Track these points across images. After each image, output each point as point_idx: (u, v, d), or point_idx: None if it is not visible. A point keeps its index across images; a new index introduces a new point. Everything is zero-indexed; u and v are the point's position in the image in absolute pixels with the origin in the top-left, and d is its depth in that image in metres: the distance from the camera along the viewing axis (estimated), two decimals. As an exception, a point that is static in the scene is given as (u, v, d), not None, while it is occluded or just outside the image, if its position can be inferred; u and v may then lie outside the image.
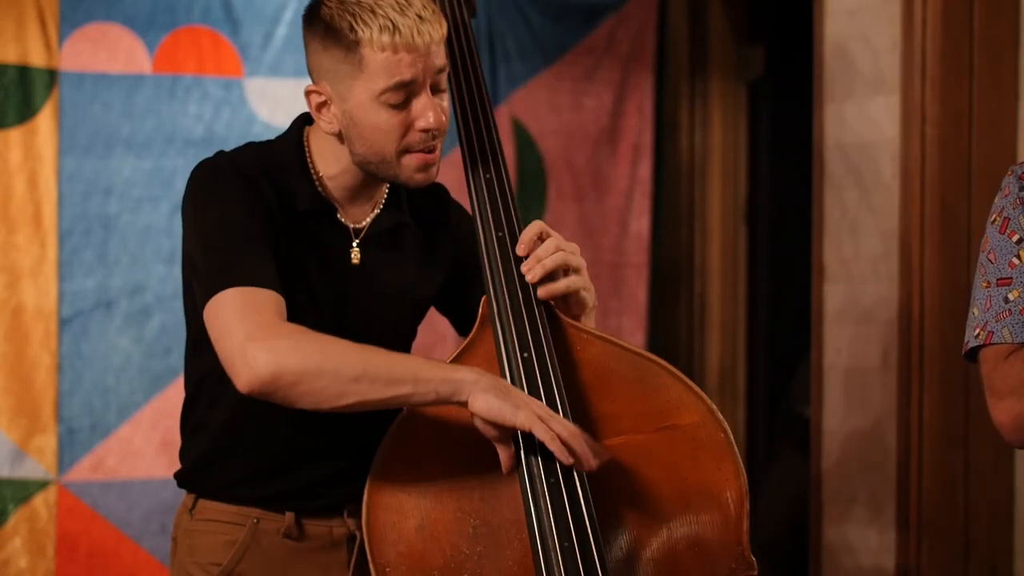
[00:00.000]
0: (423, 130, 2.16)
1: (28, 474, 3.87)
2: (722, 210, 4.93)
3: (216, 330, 2.07)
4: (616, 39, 4.60)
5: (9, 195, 3.88)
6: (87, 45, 3.95)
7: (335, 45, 2.14)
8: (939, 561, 3.55)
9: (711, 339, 4.92)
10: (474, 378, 2.05)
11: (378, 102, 2.14)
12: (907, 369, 3.58)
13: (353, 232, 2.26)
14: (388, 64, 2.12)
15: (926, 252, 3.56)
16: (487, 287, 2.22)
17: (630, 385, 2.21)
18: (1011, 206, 2.19)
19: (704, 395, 2.21)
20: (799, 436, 4.24)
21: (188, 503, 2.31)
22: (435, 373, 2.05)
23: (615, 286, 4.60)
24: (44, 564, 3.88)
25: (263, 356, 2.01)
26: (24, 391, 3.87)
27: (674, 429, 2.19)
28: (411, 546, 2.11)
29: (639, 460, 2.18)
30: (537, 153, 4.51)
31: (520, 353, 2.16)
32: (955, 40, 3.53)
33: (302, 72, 4.12)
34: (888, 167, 3.68)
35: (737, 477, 2.18)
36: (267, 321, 2.05)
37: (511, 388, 2.07)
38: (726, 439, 2.19)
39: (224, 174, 2.18)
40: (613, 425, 2.19)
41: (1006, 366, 2.13)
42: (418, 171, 2.19)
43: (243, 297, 2.06)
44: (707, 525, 2.16)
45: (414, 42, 2.12)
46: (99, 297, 3.95)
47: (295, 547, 2.25)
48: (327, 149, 2.24)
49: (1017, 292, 2.15)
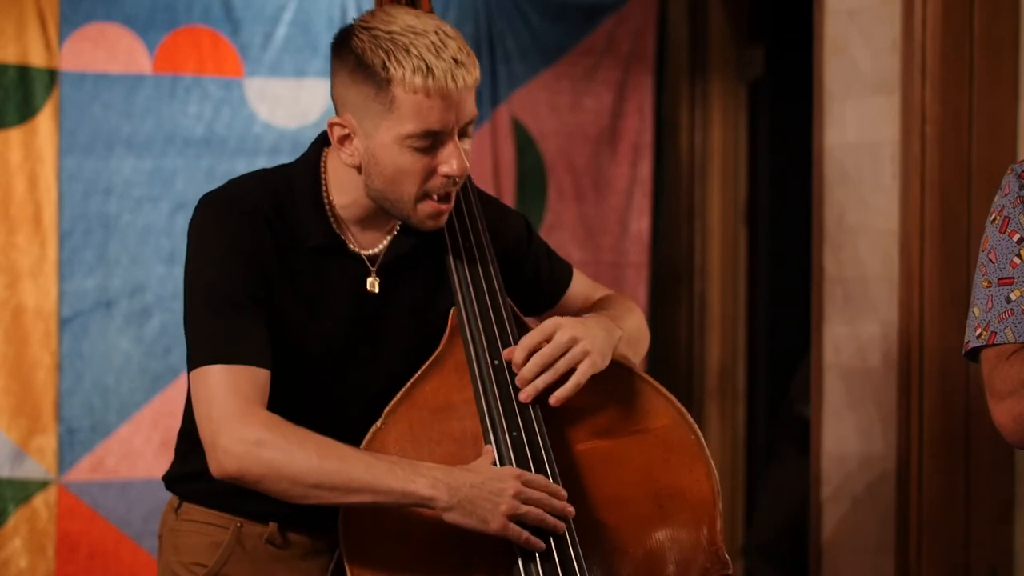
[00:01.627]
0: (446, 176, 2.13)
1: (28, 474, 3.87)
2: (722, 210, 4.93)
3: (196, 408, 2.11)
4: (616, 39, 4.60)
5: (9, 195, 3.88)
6: (87, 45, 3.95)
7: (365, 81, 2.10)
8: (939, 561, 3.55)
9: (711, 339, 4.92)
10: (431, 494, 2.03)
11: (403, 145, 2.10)
12: (907, 369, 3.58)
13: (368, 260, 2.23)
14: (419, 108, 2.08)
15: (926, 252, 3.56)
16: (456, 297, 2.23)
17: (601, 390, 2.21)
18: (1011, 205, 2.18)
19: (673, 398, 2.23)
20: (799, 436, 4.24)
21: (174, 503, 2.33)
22: (394, 484, 2.04)
23: (615, 286, 4.59)
24: (44, 564, 3.88)
25: (229, 453, 2.05)
26: (24, 391, 3.87)
27: (645, 432, 2.21)
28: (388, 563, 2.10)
29: (611, 464, 2.19)
30: (537, 153, 4.51)
31: (491, 360, 2.17)
32: (955, 40, 3.53)
33: (302, 72, 4.16)
34: (888, 167, 3.68)
35: (709, 478, 2.19)
36: (242, 411, 2.06)
37: (474, 496, 2.05)
38: (697, 441, 2.21)
39: (225, 219, 2.15)
40: (584, 430, 2.20)
41: (1007, 366, 2.13)
42: (430, 218, 2.17)
43: (224, 377, 2.07)
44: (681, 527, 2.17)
45: (447, 87, 2.07)
46: (99, 297, 3.95)
47: (277, 552, 2.27)
48: (344, 177, 2.20)
49: (1019, 292, 2.14)
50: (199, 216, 2.18)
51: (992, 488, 3.54)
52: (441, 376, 2.20)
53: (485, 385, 2.16)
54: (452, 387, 2.19)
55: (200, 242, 2.16)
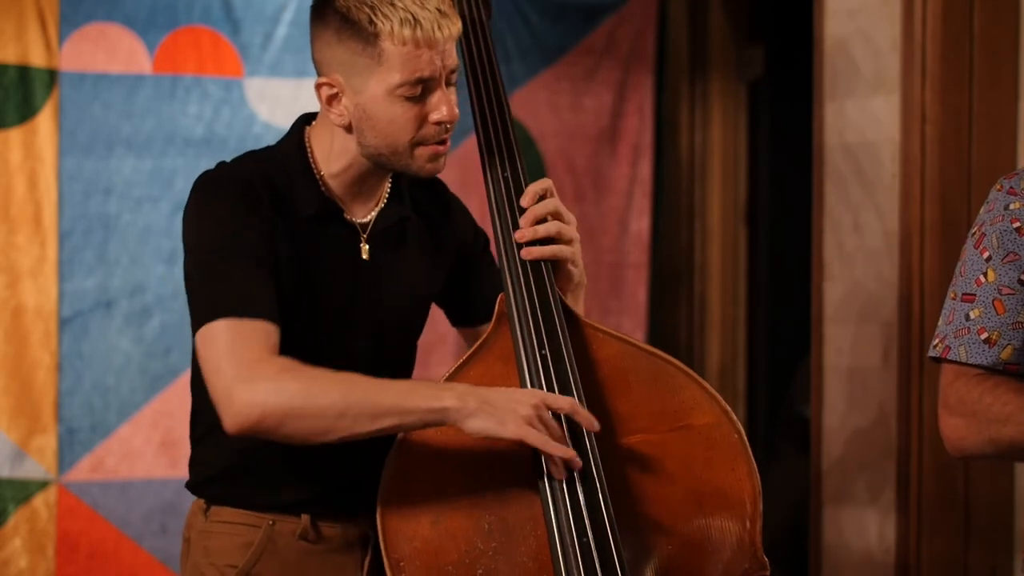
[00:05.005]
0: (437, 123, 2.16)
1: (28, 474, 3.87)
2: (722, 210, 4.93)
3: (205, 366, 2.09)
4: (616, 39, 4.60)
5: (9, 195, 3.88)
6: (87, 45, 3.95)
7: (352, 38, 2.14)
8: (939, 561, 3.55)
9: (711, 339, 4.92)
10: (457, 404, 2.05)
11: (394, 95, 2.14)
12: (907, 369, 3.58)
13: (360, 228, 2.26)
14: (408, 58, 2.12)
15: (926, 252, 3.56)
16: (505, 285, 2.23)
17: (646, 385, 2.22)
18: (990, 222, 2.18)
19: (719, 396, 2.22)
20: (799, 436, 4.24)
21: (201, 504, 2.30)
22: (419, 403, 2.06)
23: (615, 286, 4.60)
24: (44, 564, 3.88)
25: (247, 400, 2.03)
26: (24, 391, 3.87)
27: (688, 429, 2.20)
28: (426, 542, 2.11)
29: (653, 459, 2.18)
30: (537, 153, 4.51)
31: (538, 350, 2.17)
32: (955, 40, 3.53)
33: (302, 72, 4.16)
34: (888, 167, 3.68)
35: (751, 478, 2.18)
36: (254, 358, 2.06)
37: (495, 400, 2.07)
38: (740, 440, 2.20)
39: (223, 189, 2.17)
40: (628, 424, 2.20)
41: (962, 387, 2.13)
42: (429, 161, 2.20)
43: (232, 331, 2.07)
44: (720, 525, 2.16)
45: (434, 36, 2.12)
46: (99, 297, 3.95)
47: (310, 548, 2.26)
48: (330, 146, 2.23)
49: (979, 311, 2.14)
50: (197, 193, 2.20)
51: (992, 488, 3.54)
52: (487, 363, 2.21)
53: (532, 375, 2.16)
54: (497, 375, 2.19)
55: (201, 213, 2.17)
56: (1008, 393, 2.08)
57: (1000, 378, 2.11)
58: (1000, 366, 2.12)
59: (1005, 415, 2.07)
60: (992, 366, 2.12)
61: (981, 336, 2.13)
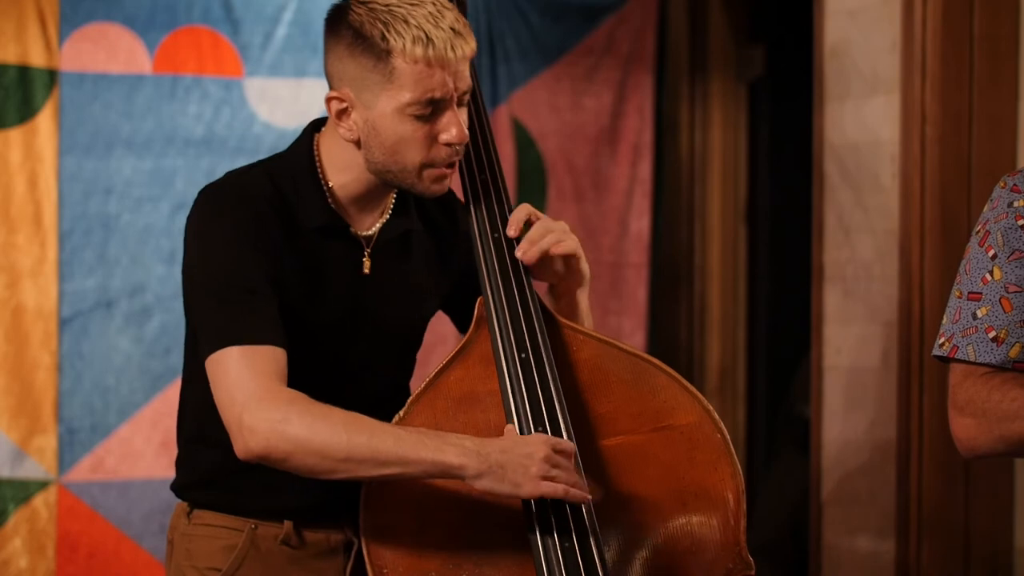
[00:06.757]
0: (447, 144, 2.14)
1: (28, 474, 3.87)
2: (722, 210, 4.93)
3: (217, 393, 2.10)
4: (616, 39, 4.60)
5: (9, 195, 3.88)
6: (87, 45, 3.95)
7: (364, 53, 2.11)
8: (939, 561, 3.55)
9: (711, 339, 4.92)
10: (464, 461, 2.04)
11: (404, 114, 2.12)
12: (907, 369, 3.58)
13: (364, 241, 2.25)
14: (419, 77, 2.09)
15: (926, 252, 3.56)
16: (483, 288, 2.23)
17: (626, 385, 2.21)
18: (994, 219, 2.17)
19: (700, 396, 2.22)
20: (799, 436, 4.24)
21: (185, 507, 2.31)
22: (424, 455, 2.04)
23: (615, 286, 4.60)
24: (44, 564, 3.88)
25: (256, 432, 2.04)
26: (24, 391, 3.87)
27: (671, 430, 2.19)
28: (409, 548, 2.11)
29: (636, 461, 2.18)
30: (537, 153, 4.51)
31: (518, 353, 2.17)
32: (955, 40, 3.53)
33: (302, 72, 4.16)
34: (888, 167, 3.68)
35: (734, 477, 2.18)
36: (264, 388, 2.06)
37: (506, 461, 2.05)
38: (723, 439, 2.19)
39: (229, 206, 2.16)
40: (610, 425, 2.19)
41: (972, 387, 2.12)
42: (435, 183, 2.19)
43: (243, 359, 2.07)
44: (704, 525, 2.16)
45: (447, 56, 2.10)
46: (99, 297, 3.95)
47: (293, 553, 2.26)
48: (339, 156, 2.21)
49: (986, 309, 2.13)
50: (201, 208, 2.18)
51: (992, 488, 3.54)
52: (467, 366, 2.20)
53: (511, 377, 2.15)
54: (477, 378, 2.19)
55: (205, 232, 2.16)
56: (1016, 389, 2.08)
57: (1008, 374, 2.10)
58: (1009, 364, 2.11)
59: (1014, 411, 2.07)
60: (1001, 364, 2.11)
61: (989, 334, 2.12)
